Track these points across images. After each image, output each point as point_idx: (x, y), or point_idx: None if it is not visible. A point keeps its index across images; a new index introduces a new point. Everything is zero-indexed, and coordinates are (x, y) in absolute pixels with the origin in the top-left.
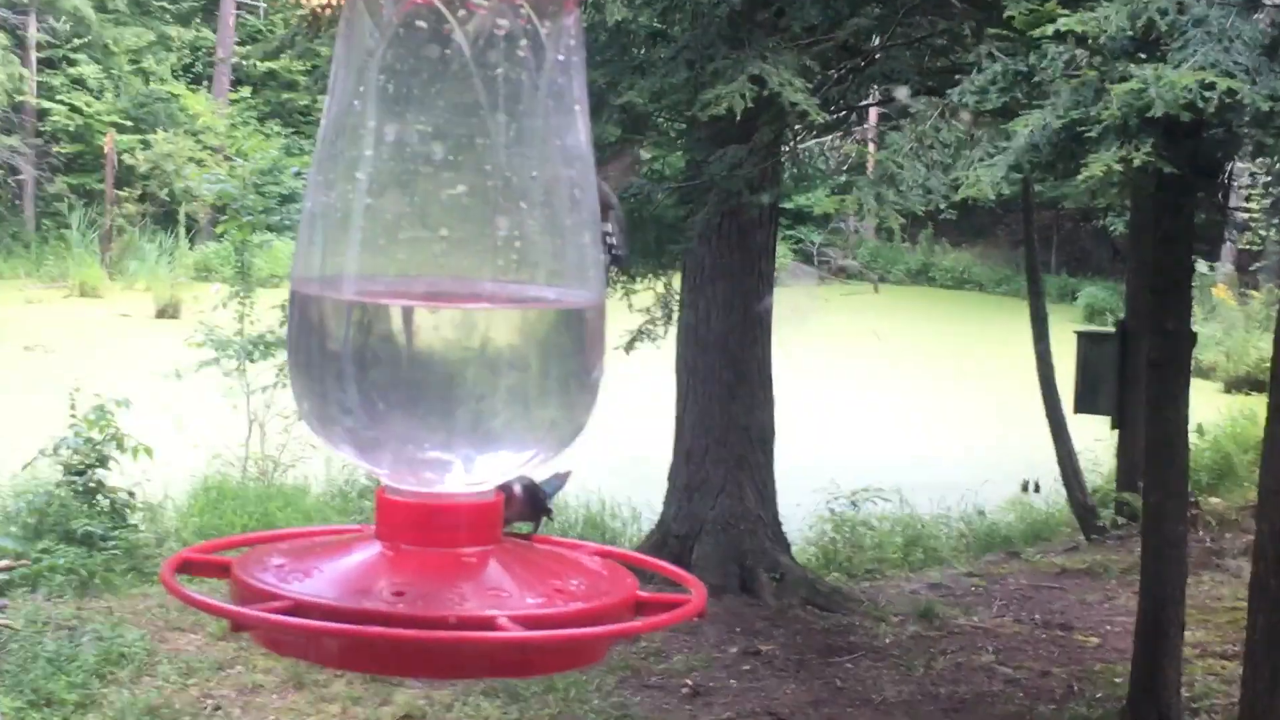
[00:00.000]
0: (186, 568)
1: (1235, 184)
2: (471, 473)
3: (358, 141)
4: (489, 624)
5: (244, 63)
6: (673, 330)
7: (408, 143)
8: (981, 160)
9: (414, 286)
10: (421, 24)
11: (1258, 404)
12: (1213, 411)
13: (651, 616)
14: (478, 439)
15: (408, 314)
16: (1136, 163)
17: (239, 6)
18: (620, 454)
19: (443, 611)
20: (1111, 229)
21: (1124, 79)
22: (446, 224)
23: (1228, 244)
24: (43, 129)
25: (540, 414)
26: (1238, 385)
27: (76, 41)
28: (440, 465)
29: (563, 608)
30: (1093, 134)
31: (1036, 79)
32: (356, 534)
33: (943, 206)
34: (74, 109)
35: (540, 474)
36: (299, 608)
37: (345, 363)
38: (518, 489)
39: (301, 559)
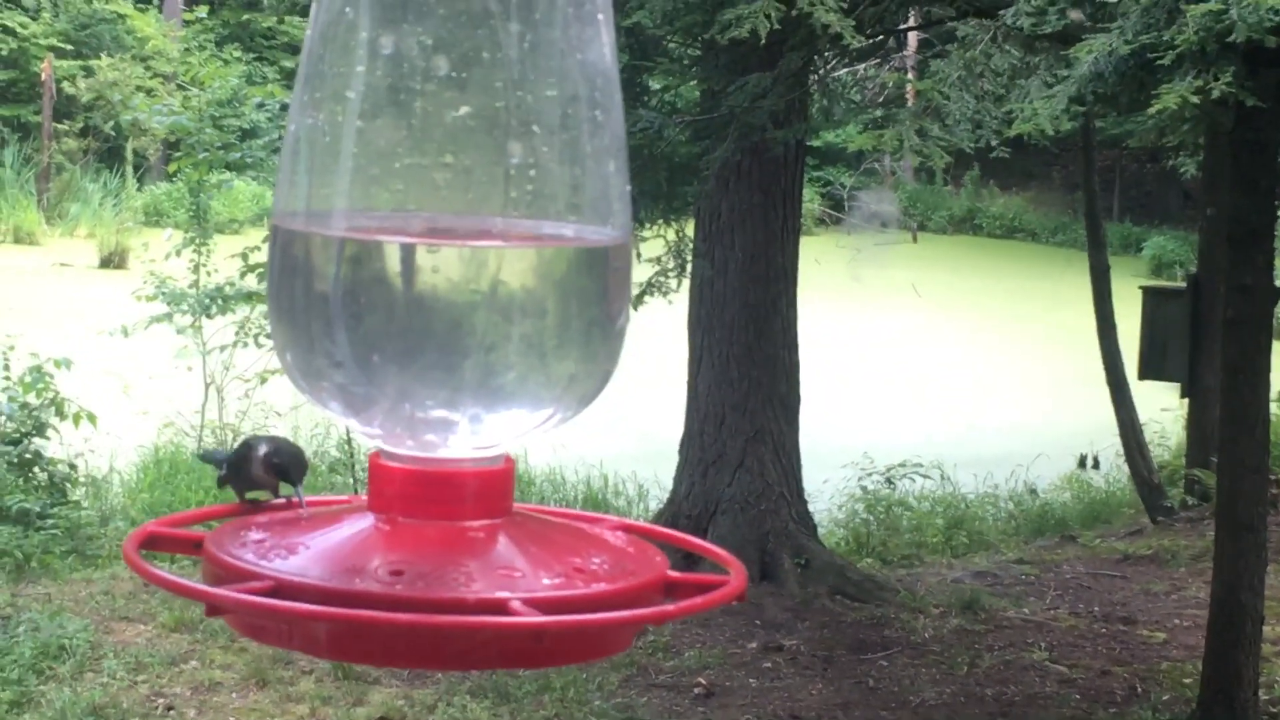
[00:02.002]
0: (152, 543)
1: None
2: (479, 434)
3: (348, 55)
4: (500, 608)
5: None
6: (685, 284)
7: (406, 56)
8: (1038, 91)
9: (413, 222)
10: None
11: None
12: None
13: (684, 600)
14: (487, 396)
15: (406, 252)
16: (1214, 94)
17: None
18: (626, 423)
19: (447, 593)
20: (1182, 171)
21: None
22: (450, 151)
23: None
24: None
25: (558, 367)
26: None
27: None
28: (443, 426)
29: (583, 589)
30: (1165, 61)
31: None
32: (346, 505)
33: (994, 143)
34: (6, 30)
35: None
36: (281, 589)
37: (334, 308)
38: (263, 449)
39: (284, 533)
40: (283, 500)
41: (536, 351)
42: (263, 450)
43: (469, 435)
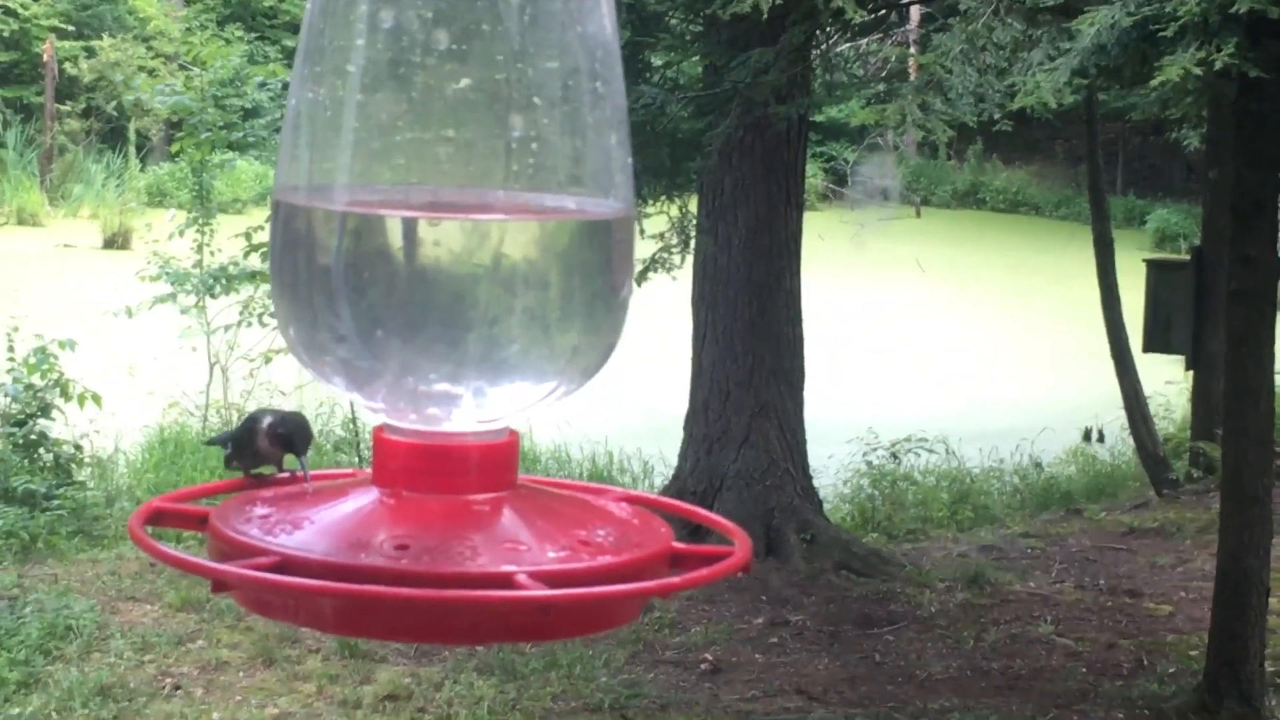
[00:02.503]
0: (157, 519)
1: None
2: (483, 408)
3: (348, 28)
4: (506, 581)
5: None
6: (689, 260)
7: (406, 29)
8: (1041, 64)
9: (415, 195)
10: None
11: None
12: None
13: (690, 571)
14: (490, 369)
15: (408, 226)
16: (1218, 65)
17: None
18: (630, 400)
19: (452, 567)
20: (1185, 143)
21: None
22: (451, 124)
23: None
24: None
25: (562, 339)
26: None
27: None
28: (447, 400)
29: (589, 562)
30: (1168, 33)
31: None
32: (351, 479)
33: (997, 117)
34: (8, 11)
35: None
36: (287, 564)
37: (337, 283)
38: (268, 420)
39: (289, 508)
40: (287, 474)
41: (540, 324)
42: (267, 422)
43: (473, 409)
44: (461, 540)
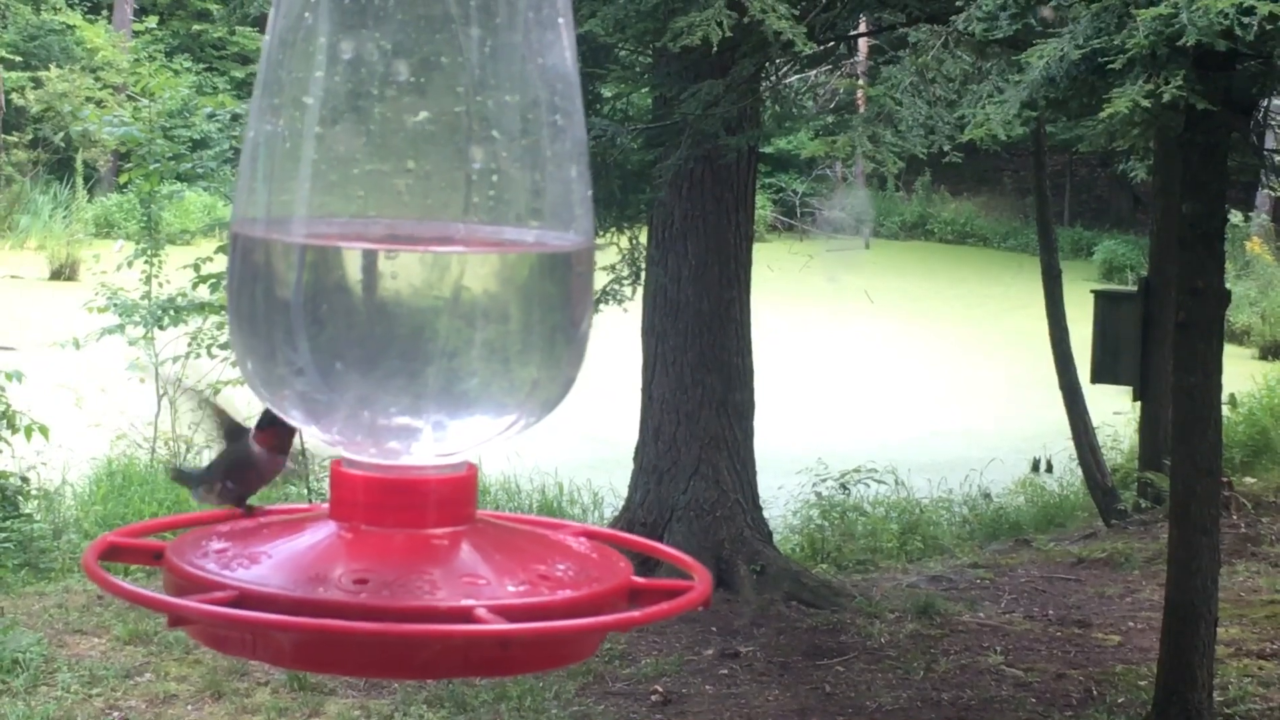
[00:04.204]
0: (112, 554)
1: (1274, 123)
2: (442, 441)
3: (308, 60)
4: (465, 615)
5: None
6: (639, 291)
7: (365, 61)
8: (991, 96)
9: (373, 228)
10: None
11: None
12: (1247, 380)
13: (650, 606)
14: (450, 402)
15: (368, 259)
16: (1166, 97)
17: None
18: (579, 431)
19: (412, 602)
20: (1132, 175)
21: (1152, 3)
22: (411, 156)
23: (1264, 192)
24: None
25: (522, 373)
26: (1275, 351)
27: None
28: (406, 433)
29: (549, 596)
30: (1116, 65)
31: (1053, 3)
32: (308, 513)
33: (947, 148)
34: None
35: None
36: (245, 598)
37: (295, 316)
38: (250, 433)
39: (246, 543)
40: (248, 508)
41: (500, 357)
42: (251, 434)
43: (432, 442)
44: (420, 574)
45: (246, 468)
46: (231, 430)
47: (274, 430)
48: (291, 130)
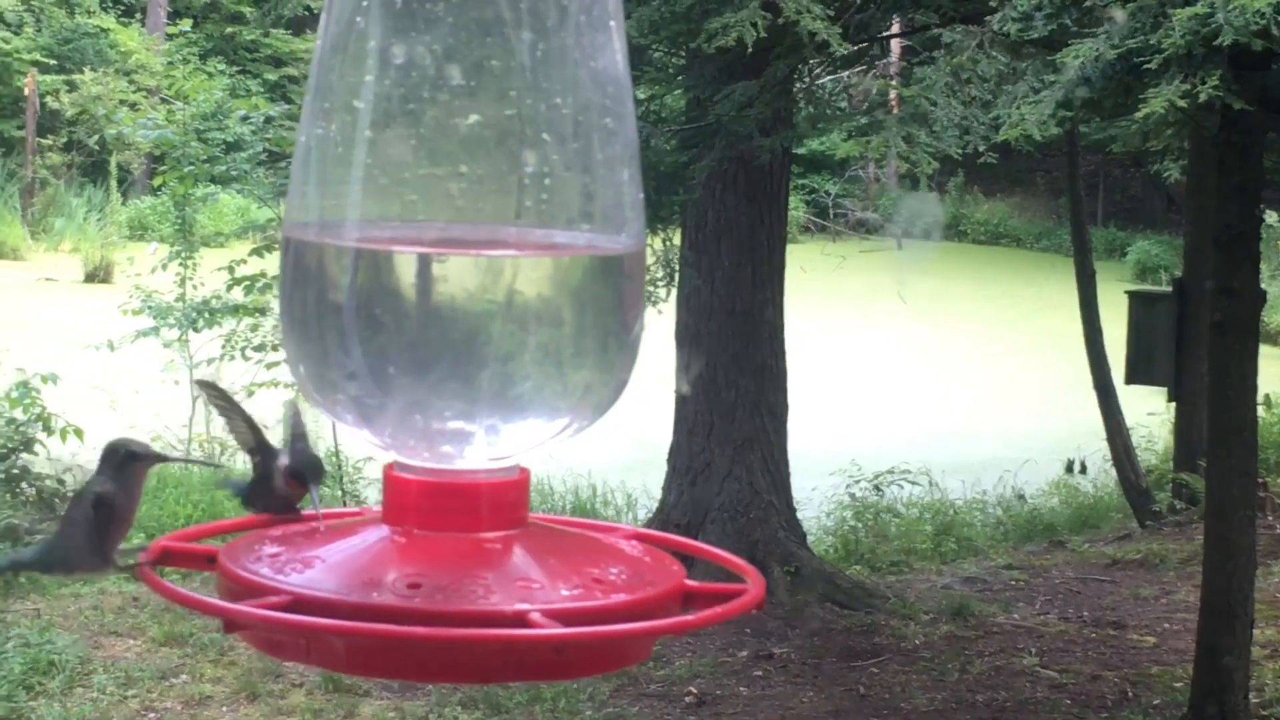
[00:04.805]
0: (164, 558)
1: None
2: (495, 445)
3: (359, 64)
4: (520, 620)
5: None
6: (674, 293)
7: (417, 65)
8: (1026, 96)
9: (425, 232)
10: None
11: None
12: None
13: (704, 609)
14: (503, 406)
15: (421, 263)
16: (1202, 97)
17: None
18: (613, 433)
19: (466, 606)
20: (1166, 175)
21: (1188, 3)
22: (462, 160)
23: None
24: None
25: (575, 376)
26: None
27: None
28: (459, 437)
29: (603, 600)
30: (1152, 65)
31: (1088, 3)
32: (361, 517)
33: (981, 148)
34: None
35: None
36: (299, 603)
37: (348, 320)
38: (282, 461)
39: (298, 547)
40: (296, 512)
41: (553, 361)
42: (281, 463)
43: (485, 446)
44: (474, 579)
45: (269, 496)
46: (259, 446)
47: (301, 479)
48: (343, 134)
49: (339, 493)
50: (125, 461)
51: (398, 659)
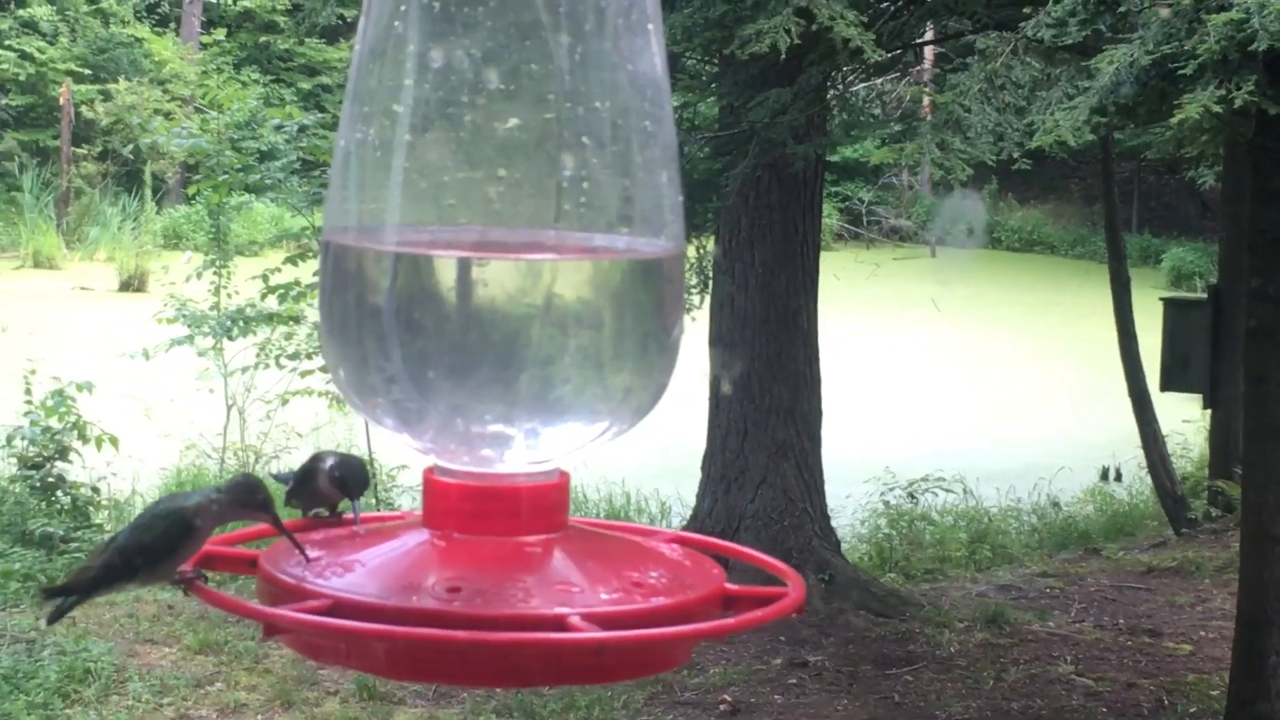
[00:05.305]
0: (207, 562)
1: None
2: (535, 449)
3: (398, 68)
4: (560, 624)
5: (216, 1)
6: (707, 300)
7: (456, 69)
8: (1060, 103)
9: (464, 236)
10: None
11: None
12: None
13: (744, 613)
14: (544, 409)
15: (461, 267)
16: (1237, 103)
17: None
18: (646, 440)
19: (505, 610)
20: (1200, 182)
21: (1223, 8)
22: (501, 164)
23: None
24: None
25: (615, 379)
26: None
27: None
28: (499, 440)
29: (642, 604)
30: (1187, 71)
31: (1122, 9)
32: (400, 521)
33: (1016, 155)
34: (24, 56)
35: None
36: (340, 607)
37: (388, 324)
38: (329, 463)
39: (339, 551)
40: (336, 517)
41: (593, 364)
42: (328, 464)
43: (525, 449)
44: (514, 582)
45: (312, 495)
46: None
47: (344, 486)
48: (382, 139)
49: (373, 500)
50: (243, 503)
51: (437, 663)
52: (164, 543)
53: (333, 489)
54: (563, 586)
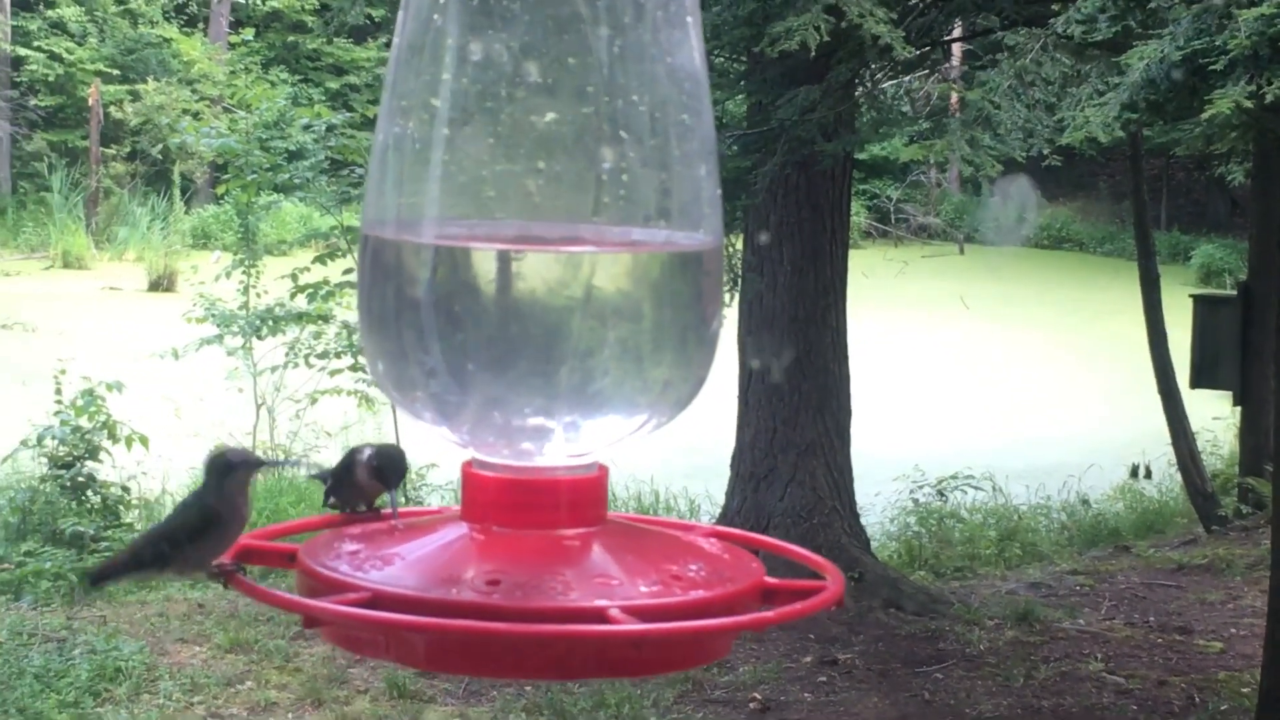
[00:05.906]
0: (246, 556)
1: None
2: (574, 442)
3: (437, 61)
4: (599, 616)
5: (245, 1)
6: (736, 298)
7: (495, 62)
8: (1090, 99)
9: (503, 229)
10: None
11: None
12: None
13: (783, 606)
14: (583, 402)
15: (500, 259)
16: (1268, 99)
17: None
18: (676, 438)
19: (544, 603)
20: (1230, 178)
21: (1253, 3)
22: (540, 157)
23: None
24: (18, 79)
25: (654, 372)
26: None
27: None
28: (539, 434)
29: (682, 597)
30: (1217, 66)
31: (1152, 5)
32: (438, 515)
33: (1045, 152)
34: (54, 56)
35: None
36: (379, 599)
37: (427, 317)
38: (366, 454)
39: (377, 544)
40: (374, 511)
41: (632, 356)
42: (365, 454)
43: (564, 443)
44: (553, 575)
45: (351, 487)
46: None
47: (381, 476)
48: (421, 132)
49: (403, 499)
50: (225, 472)
51: (476, 655)
52: (186, 530)
53: (371, 480)
54: (602, 580)
